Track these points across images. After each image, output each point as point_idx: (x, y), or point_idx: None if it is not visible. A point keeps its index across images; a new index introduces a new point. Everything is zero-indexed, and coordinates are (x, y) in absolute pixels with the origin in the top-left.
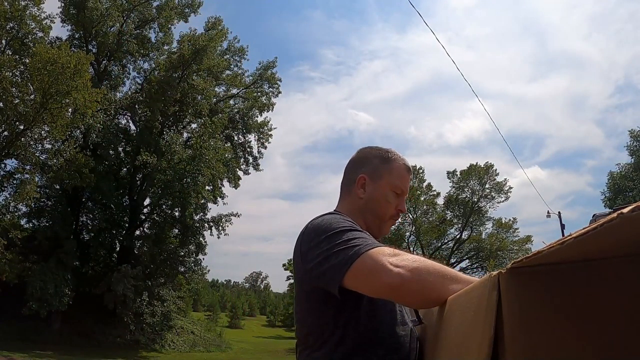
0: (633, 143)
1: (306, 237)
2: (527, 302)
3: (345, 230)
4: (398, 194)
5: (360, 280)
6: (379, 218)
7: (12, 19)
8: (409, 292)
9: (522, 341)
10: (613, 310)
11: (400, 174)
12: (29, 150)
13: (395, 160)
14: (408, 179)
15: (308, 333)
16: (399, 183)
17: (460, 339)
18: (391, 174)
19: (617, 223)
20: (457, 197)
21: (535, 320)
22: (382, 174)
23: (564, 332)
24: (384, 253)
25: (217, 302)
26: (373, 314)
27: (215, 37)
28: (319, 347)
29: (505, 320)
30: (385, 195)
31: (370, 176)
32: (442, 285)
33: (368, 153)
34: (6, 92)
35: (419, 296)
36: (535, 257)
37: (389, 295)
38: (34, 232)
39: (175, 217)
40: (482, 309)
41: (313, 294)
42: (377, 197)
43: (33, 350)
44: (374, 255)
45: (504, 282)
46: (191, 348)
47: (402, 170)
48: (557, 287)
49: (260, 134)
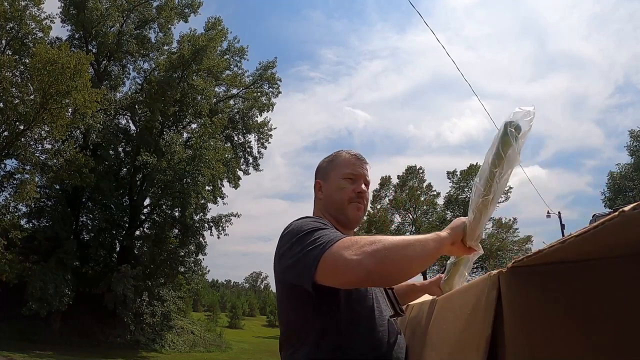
0: (633, 143)
1: (282, 240)
2: (528, 301)
3: (314, 230)
4: (352, 179)
5: (329, 278)
6: (339, 205)
7: (12, 19)
8: (376, 276)
9: (523, 340)
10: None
11: (346, 163)
12: (29, 150)
13: (340, 156)
14: (358, 164)
15: (291, 333)
16: (347, 170)
17: (455, 337)
18: (338, 167)
19: (618, 221)
20: (457, 197)
21: (535, 320)
22: (330, 172)
23: (565, 331)
24: (343, 246)
25: (217, 302)
26: (351, 309)
27: (215, 37)
28: (300, 346)
29: (505, 319)
30: (337, 185)
31: (323, 178)
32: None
33: (320, 163)
34: (6, 92)
35: (387, 276)
36: (536, 256)
37: (360, 284)
38: (34, 232)
39: (175, 217)
40: (481, 307)
41: (292, 294)
42: (331, 190)
43: (33, 350)
44: (334, 251)
45: (504, 282)
46: (191, 348)
47: (347, 159)
48: (557, 286)
49: (260, 134)
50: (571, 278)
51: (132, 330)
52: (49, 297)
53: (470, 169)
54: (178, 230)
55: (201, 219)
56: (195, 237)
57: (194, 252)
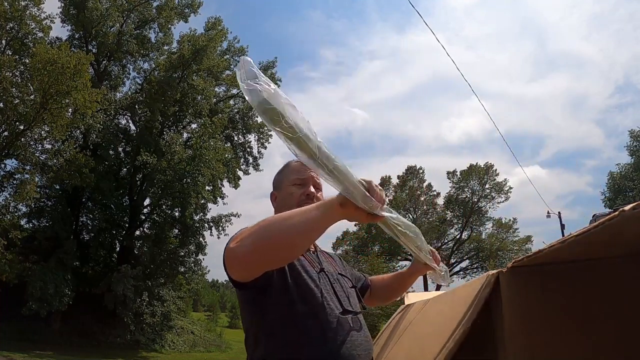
0: (633, 143)
1: None
2: (528, 301)
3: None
4: (300, 184)
5: (233, 271)
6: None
7: (12, 19)
8: (258, 255)
9: (523, 340)
10: (613, 310)
11: (294, 170)
12: (29, 150)
13: (288, 165)
14: (304, 169)
15: (247, 335)
16: (294, 176)
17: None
18: (287, 175)
19: (618, 221)
20: (457, 197)
21: (535, 320)
22: (281, 182)
23: (564, 330)
24: (235, 237)
25: (217, 302)
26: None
27: (215, 37)
28: (256, 348)
29: (505, 318)
30: (288, 192)
31: (276, 189)
32: (280, 230)
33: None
34: (6, 92)
35: (269, 252)
36: (536, 256)
37: (253, 269)
38: (34, 232)
39: (175, 217)
40: (468, 302)
41: (239, 297)
42: (283, 198)
43: (33, 350)
44: (228, 246)
45: (504, 281)
46: (191, 348)
47: (295, 166)
48: (557, 286)
49: (260, 134)
50: (571, 278)
51: (132, 330)
52: (49, 297)
53: (470, 169)
54: (178, 230)
55: (201, 219)
56: (195, 237)
57: (194, 252)
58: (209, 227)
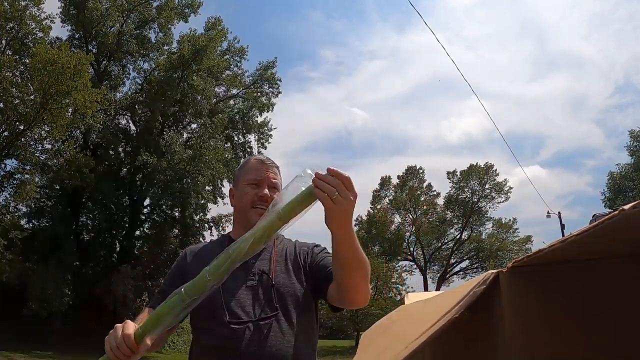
0: (633, 143)
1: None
2: (528, 301)
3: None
4: (255, 184)
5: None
6: (243, 211)
7: (12, 19)
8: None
9: (523, 340)
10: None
11: (251, 168)
12: (29, 150)
13: (247, 162)
14: (262, 168)
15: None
16: (251, 176)
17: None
18: (244, 173)
19: (619, 220)
20: (457, 197)
21: (535, 320)
22: (238, 179)
23: (564, 330)
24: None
25: None
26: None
27: (215, 37)
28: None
29: (505, 319)
30: (242, 191)
31: (235, 186)
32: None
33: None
34: (6, 92)
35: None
36: (536, 256)
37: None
38: (34, 233)
39: (175, 217)
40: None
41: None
42: (238, 196)
43: (33, 351)
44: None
45: (504, 281)
46: None
47: (252, 164)
48: (557, 286)
49: (260, 134)
50: (571, 278)
51: None
52: (49, 297)
53: (470, 169)
54: (178, 230)
55: (201, 219)
56: (195, 237)
57: None
58: (209, 227)
